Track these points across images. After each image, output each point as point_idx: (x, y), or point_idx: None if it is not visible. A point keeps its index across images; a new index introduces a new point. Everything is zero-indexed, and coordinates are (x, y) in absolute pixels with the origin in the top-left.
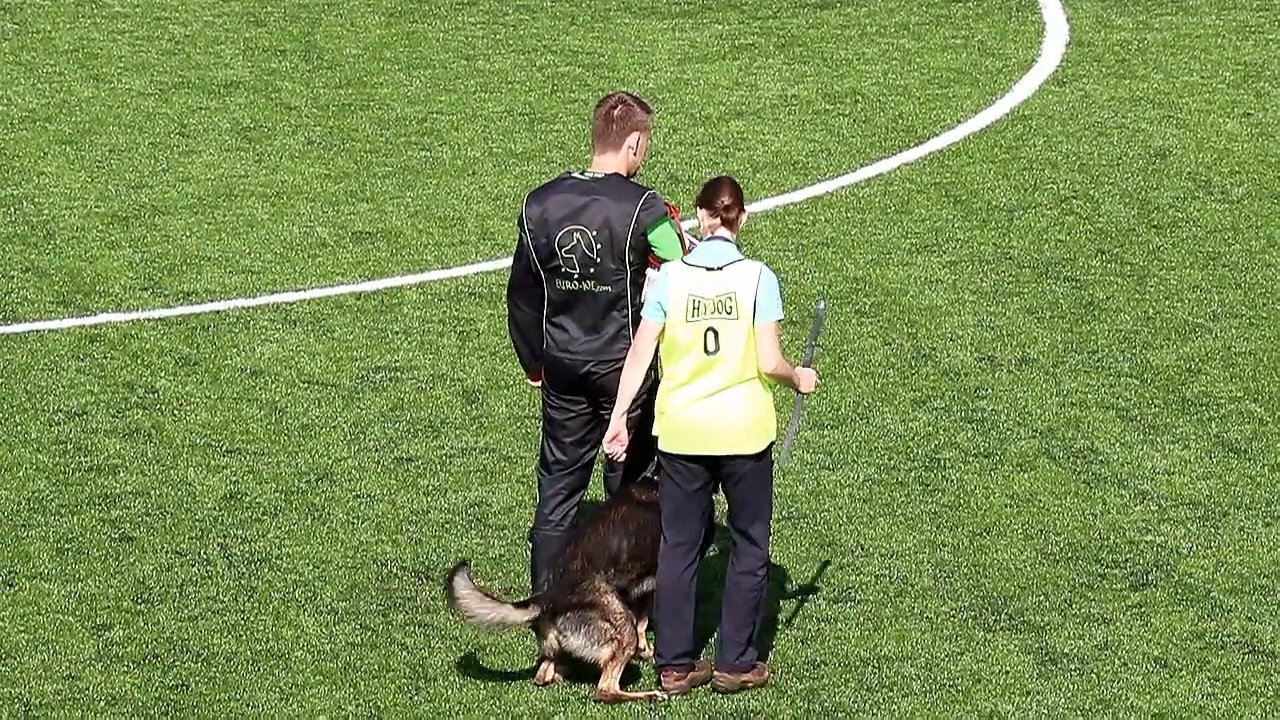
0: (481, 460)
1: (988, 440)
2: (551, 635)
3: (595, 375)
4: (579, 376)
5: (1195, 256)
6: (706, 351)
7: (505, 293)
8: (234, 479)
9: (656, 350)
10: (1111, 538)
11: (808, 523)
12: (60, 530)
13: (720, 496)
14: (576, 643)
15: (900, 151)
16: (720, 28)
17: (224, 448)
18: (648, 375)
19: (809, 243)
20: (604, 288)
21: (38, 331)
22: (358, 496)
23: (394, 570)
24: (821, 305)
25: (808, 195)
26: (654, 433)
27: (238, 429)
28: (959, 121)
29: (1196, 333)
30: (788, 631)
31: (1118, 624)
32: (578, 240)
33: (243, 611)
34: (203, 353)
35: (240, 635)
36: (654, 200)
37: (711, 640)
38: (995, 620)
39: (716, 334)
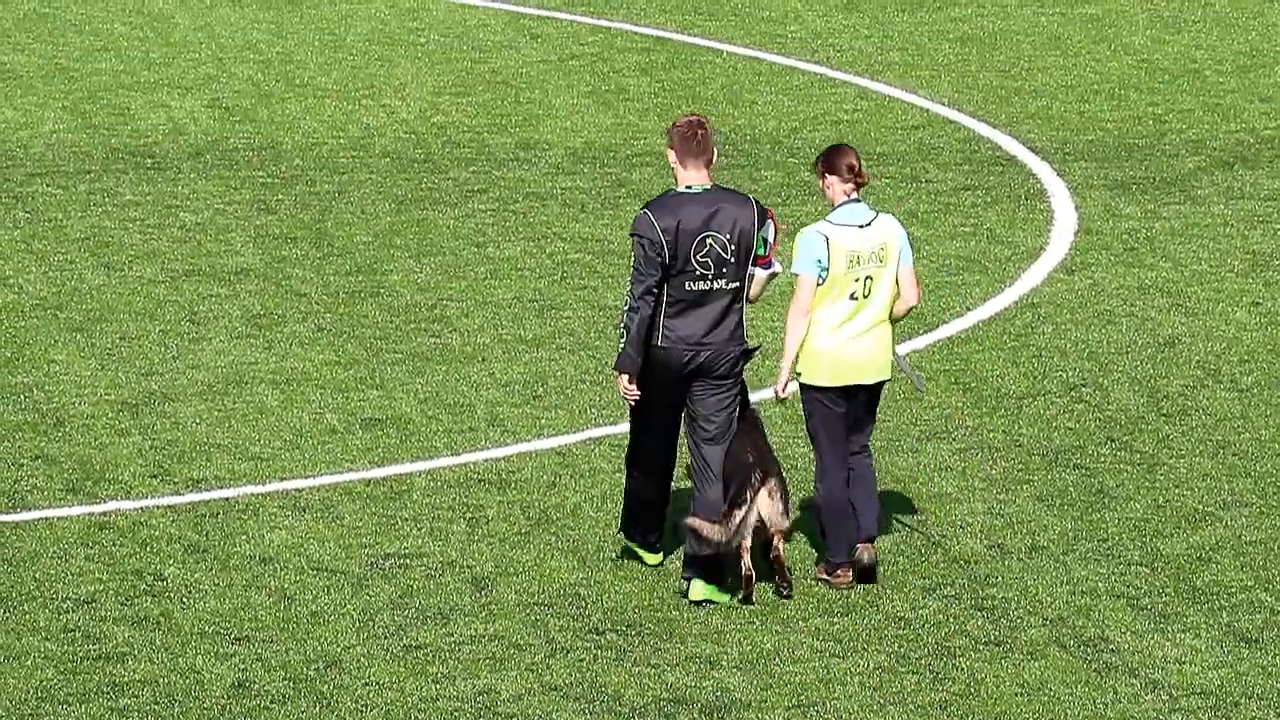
0: (490, 648)
1: (998, 628)
2: (763, 495)
3: (714, 360)
4: (699, 364)
5: (1205, 445)
6: (860, 297)
7: (636, 295)
8: (242, 667)
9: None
10: None
11: (818, 710)
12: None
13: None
14: (776, 507)
15: (909, 339)
16: None
17: (232, 635)
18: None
19: None
20: (733, 284)
21: (47, 519)
22: (366, 684)
23: None
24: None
25: None
26: (798, 370)
27: (246, 616)
28: (968, 309)
29: (1207, 521)
30: None
31: None
32: (711, 245)
33: None
34: (212, 540)
35: None
36: (760, 205)
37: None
38: None
39: (870, 280)
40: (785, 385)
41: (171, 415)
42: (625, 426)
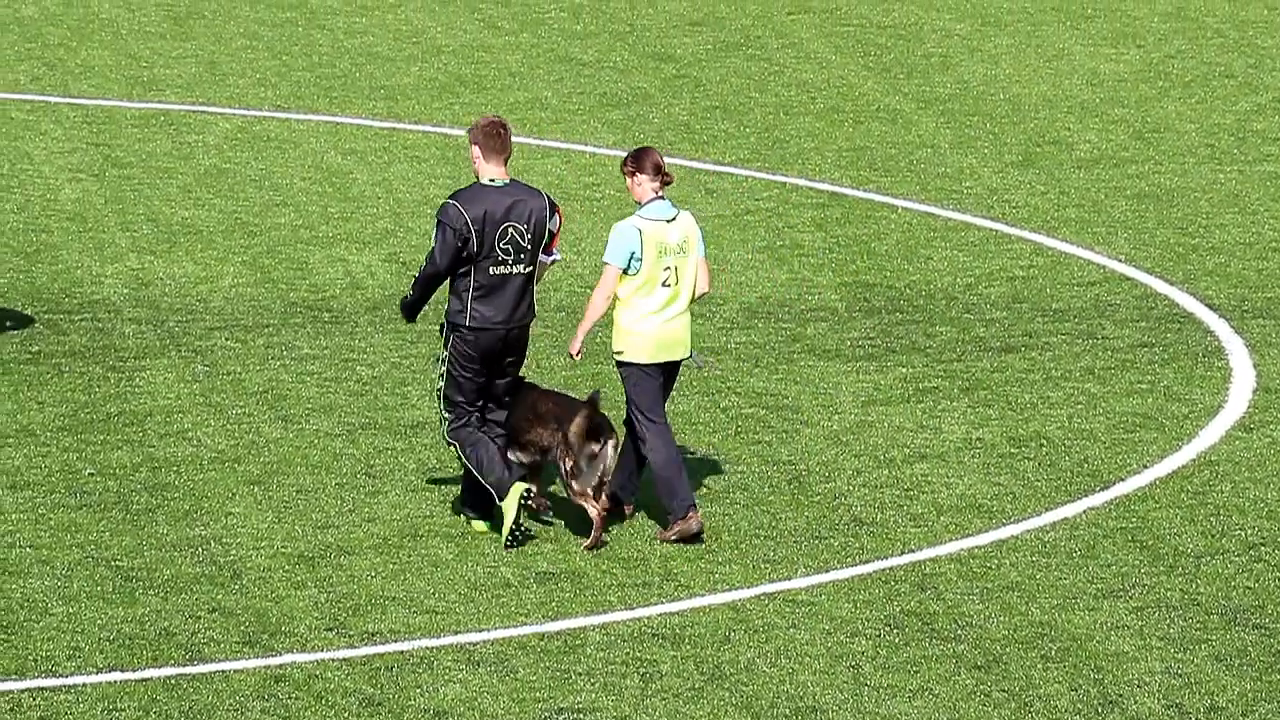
0: None
1: None
2: (607, 444)
3: (516, 336)
4: (507, 341)
5: None
6: (672, 284)
7: (424, 279)
8: None
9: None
10: None
11: None
12: None
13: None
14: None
15: (1086, 496)
16: (904, 370)
17: None
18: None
19: (994, 586)
20: (530, 268)
21: (223, 672)
22: None
23: None
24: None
25: (993, 539)
26: (618, 348)
27: None
28: (1145, 466)
29: None
30: None
31: None
32: (512, 234)
33: None
34: (386, 693)
35: None
36: (550, 198)
37: None
38: None
39: (676, 270)
40: (579, 349)
41: (347, 568)
42: (800, 582)
